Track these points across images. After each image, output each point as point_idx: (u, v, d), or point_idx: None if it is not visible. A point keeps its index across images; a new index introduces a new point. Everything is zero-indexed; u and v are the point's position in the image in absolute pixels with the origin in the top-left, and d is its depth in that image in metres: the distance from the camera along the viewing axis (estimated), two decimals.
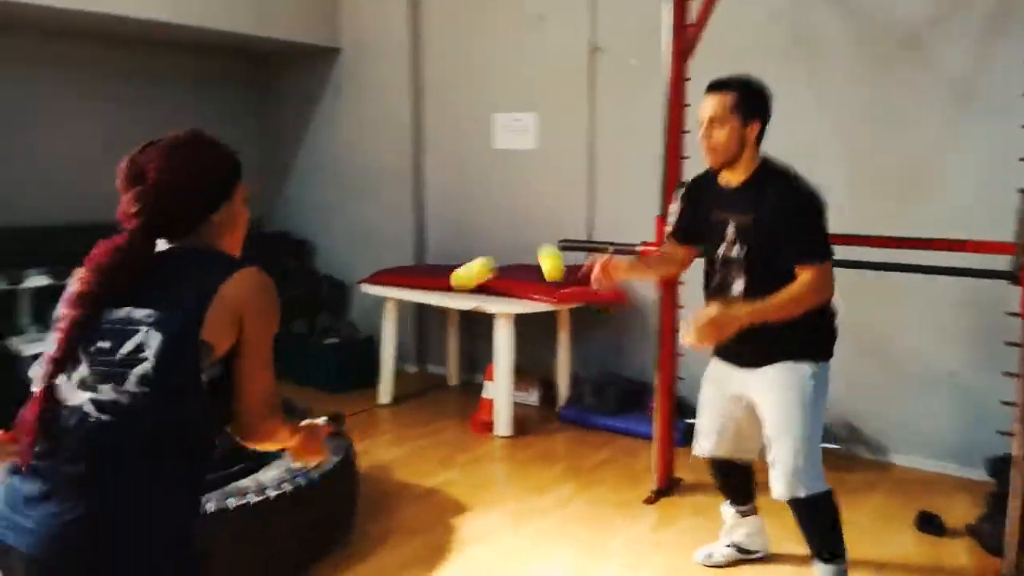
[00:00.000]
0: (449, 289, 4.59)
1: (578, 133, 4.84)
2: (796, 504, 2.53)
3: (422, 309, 5.34)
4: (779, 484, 2.51)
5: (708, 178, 2.65)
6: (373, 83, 5.61)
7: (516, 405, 4.78)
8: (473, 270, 4.48)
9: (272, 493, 2.81)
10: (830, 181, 2.83)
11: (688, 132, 3.46)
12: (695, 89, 3.07)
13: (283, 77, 6.11)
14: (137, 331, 1.44)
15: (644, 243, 3.52)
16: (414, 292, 4.72)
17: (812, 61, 4.08)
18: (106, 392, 1.42)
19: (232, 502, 2.72)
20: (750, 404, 2.64)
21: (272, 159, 6.22)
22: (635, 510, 3.48)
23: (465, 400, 4.96)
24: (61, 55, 5.05)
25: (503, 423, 4.38)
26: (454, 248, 5.37)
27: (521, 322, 4.61)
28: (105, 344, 1.44)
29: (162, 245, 1.56)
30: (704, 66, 3.19)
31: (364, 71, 5.66)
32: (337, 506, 3.13)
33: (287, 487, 2.85)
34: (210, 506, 2.68)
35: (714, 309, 2.35)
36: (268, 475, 2.91)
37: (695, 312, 2.38)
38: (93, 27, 4.82)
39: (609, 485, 3.75)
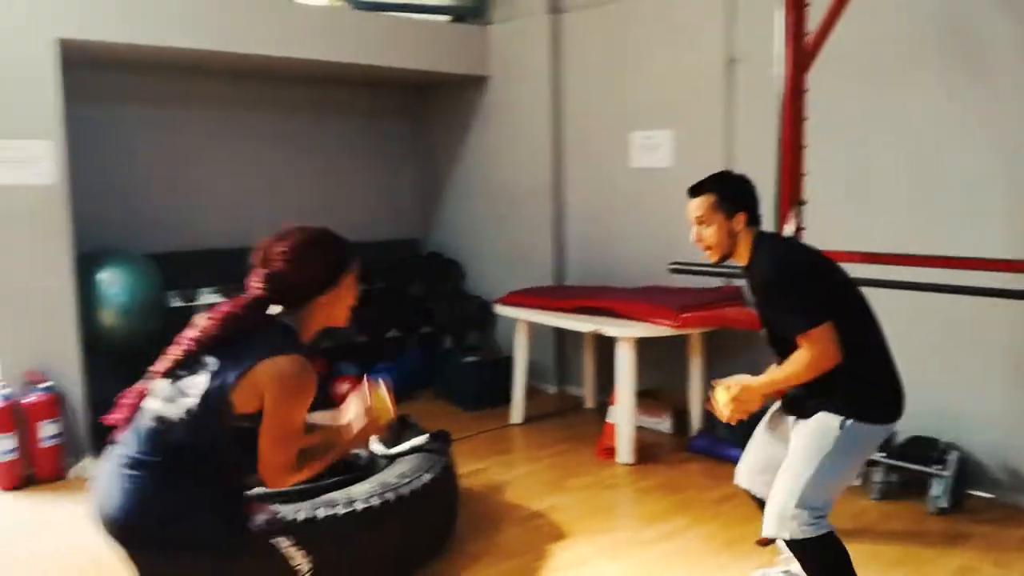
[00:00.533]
0: (576, 311, 4.56)
1: (714, 149, 4.64)
2: (787, 544, 2.49)
3: (561, 330, 5.33)
4: (767, 521, 2.47)
5: None
6: (517, 108, 5.72)
7: (646, 432, 4.67)
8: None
9: (360, 506, 2.91)
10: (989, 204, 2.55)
11: (807, 147, 3.22)
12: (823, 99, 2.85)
13: (437, 106, 6.38)
14: (202, 372, 1.85)
15: None
16: (541, 313, 4.72)
17: (970, 68, 3.66)
18: (167, 409, 1.86)
19: (321, 512, 2.86)
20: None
21: (427, 183, 6.51)
22: (744, 550, 3.25)
23: (598, 424, 4.87)
24: (237, 95, 5.59)
25: (624, 449, 4.26)
26: (593, 268, 5.36)
27: (653, 345, 4.49)
28: (183, 372, 1.88)
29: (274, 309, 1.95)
30: (833, 74, 2.95)
31: (509, 96, 5.78)
32: (429, 522, 3.18)
33: (375, 501, 2.94)
34: (300, 515, 2.84)
35: (736, 387, 2.47)
36: (360, 488, 3.03)
37: (719, 386, 2.51)
38: (266, 69, 5.31)
39: (723, 521, 3.53)
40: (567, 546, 3.33)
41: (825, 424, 2.43)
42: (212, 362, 1.85)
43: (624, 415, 4.26)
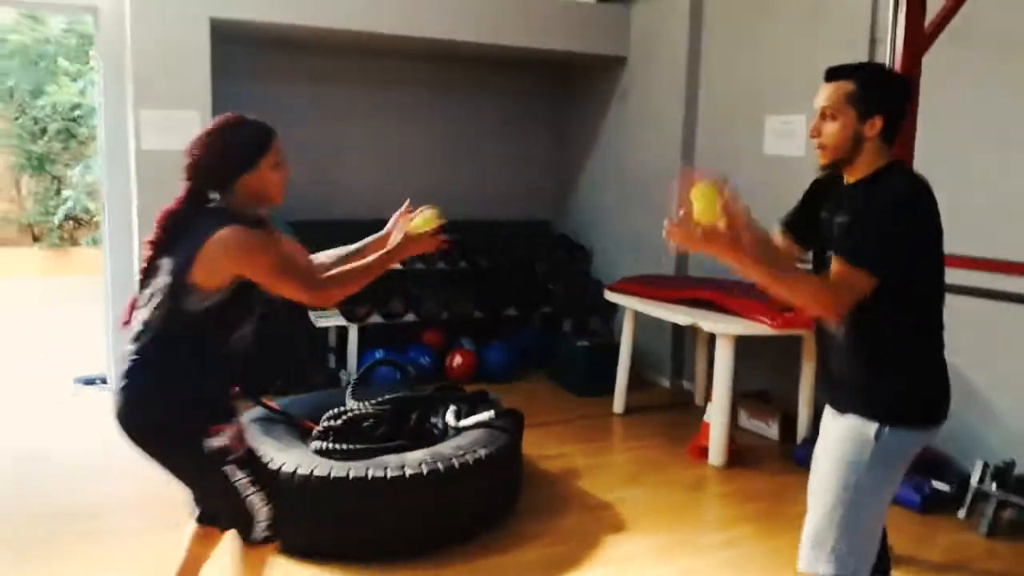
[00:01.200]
0: (681, 302, 4.40)
1: None
2: None
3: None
4: (801, 552, 2.16)
5: (838, 176, 2.17)
6: (651, 89, 5.57)
7: (751, 435, 4.47)
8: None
9: (408, 471, 3.00)
10: None
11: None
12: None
13: (576, 87, 6.33)
14: (159, 272, 2.08)
15: None
16: (646, 302, 4.59)
17: None
18: (144, 311, 2.10)
19: (371, 472, 2.98)
20: None
21: (563, 165, 6.49)
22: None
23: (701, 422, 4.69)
24: (378, 73, 5.86)
25: (716, 451, 4.07)
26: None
27: (765, 345, 4.26)
28: (149, 280, 2.11)
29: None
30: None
31: (646, 77, 5.63)
32: (479, 496, 3.21)
33: (424, 468, 3.02)
34: (352, 472, 2.97)
35: (723, 222, 1.89)
36: (415, 455, 3.11)
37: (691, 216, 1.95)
38: (407, 48, 5.52)
39: (792, 538, 3.26)
40: (620, 540, 3.26)
41: (855, 432, 2.05)
42: (166, 261, 2.06)
43: (718, 415, 4.07)
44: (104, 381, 5.03)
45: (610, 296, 4.89)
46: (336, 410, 3.40)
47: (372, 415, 3.38)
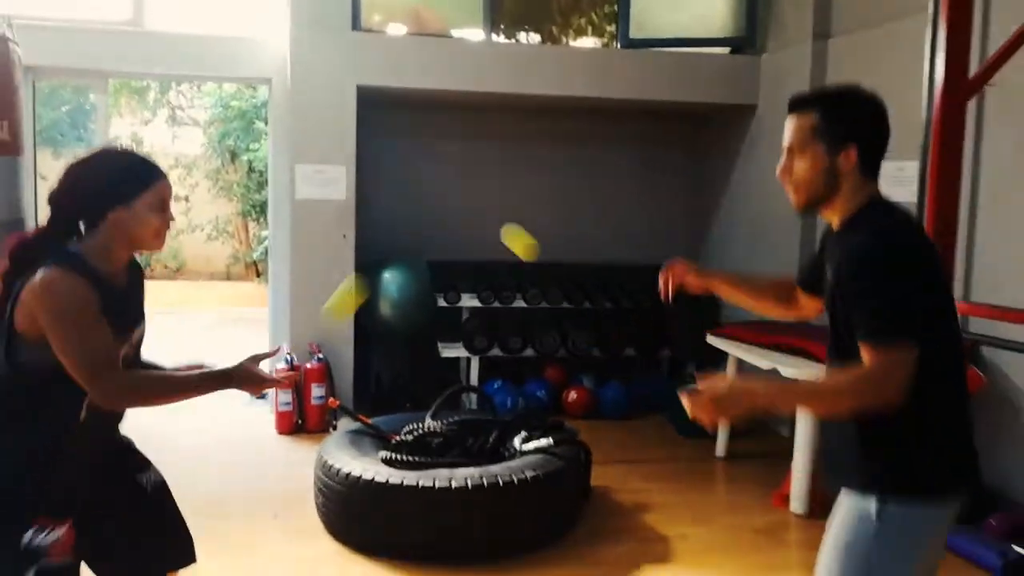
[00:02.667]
0: (775, 348, 4.38)
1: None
2: None
3: None
4: None
5: None
6: (779, 137, 5.54)
7: None
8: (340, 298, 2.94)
9: (454, 484, 3.32)
10: None
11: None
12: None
13: (709, 135, 6.44)
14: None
15: None
16: (741, 346, 4.60)
17: None
18: None
19: (421, 482, 3.33)
20: None
21: (697, 211, 6.58)
22: None
23: None
24: (512, 128, 6.33)
25: (797, 498, 4.00)
26: None
27: None
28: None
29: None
30: None
31: (774, 125, 5.62)
32: (523, 516, 3.45)
33: (468, 483, 3.31)
34: (406, 480, 3.35)
35: (723, 382, 1.80)
36: (465, 471, 3.41)
37: (705, 380, 1.81)
38: (541, 105, 5.97)
39: None
40: (660, 572, 3.35)
41: (855, 510, 1.78)
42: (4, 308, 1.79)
43: (800, 461, 4.00)
44: (264, 397, 5.80)
45: (711, 340, 4.94)
46: (412, 426, 3.81)
47: (440, 433, 3.75)
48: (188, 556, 2.17)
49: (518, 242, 2.60)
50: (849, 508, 1.80)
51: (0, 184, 3.42)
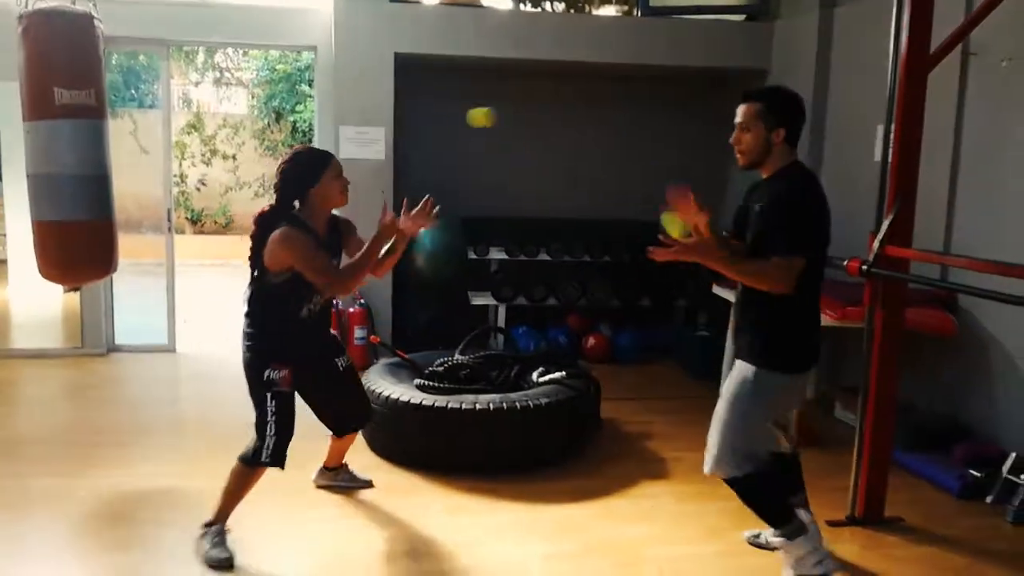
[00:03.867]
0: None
1: (944, 148, 4.46)
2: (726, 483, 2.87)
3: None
4: (706, 461, 2.88)
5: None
6: None
7: (844, 426, 4.76)
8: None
9: (479, 407, 3.84)
10: None
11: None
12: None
13: (727, 96, 6.75)
14: (255, 258, 3.01)
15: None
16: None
17: None
18: (249, 285, 3.06)
19: (451, 404, 3.85)
20: None
21: (716, 168, 6.95)
22: None
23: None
24: (541, 90, 6.73)
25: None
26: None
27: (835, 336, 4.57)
28: (252, 262, 3.02)
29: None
30: None
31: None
32: (534, 436, 3.95)
33: (489, 407, 3.83)
34: (437, 403, 3.88)
35: (711, 238, 2.66)
36: (487, 396, 3.93)
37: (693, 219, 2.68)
38: (566, 68, 6.36)
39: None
40: (654, 484, 3.85)
41: (741, 373, 2.76)
42: (258, 250, 2.95)
43: None
44: None
45: (717, 290, 5.37)
46: (443, 359, 4.34)
47: (468, 366, 4.28)
48: (364, 420, 3.50)
49: (479, 117, 3.46)
50: (738, 371, 2.78)
51: (90, 144, 3.94)
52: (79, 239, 3.91)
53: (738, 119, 2.78)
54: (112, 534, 3.25)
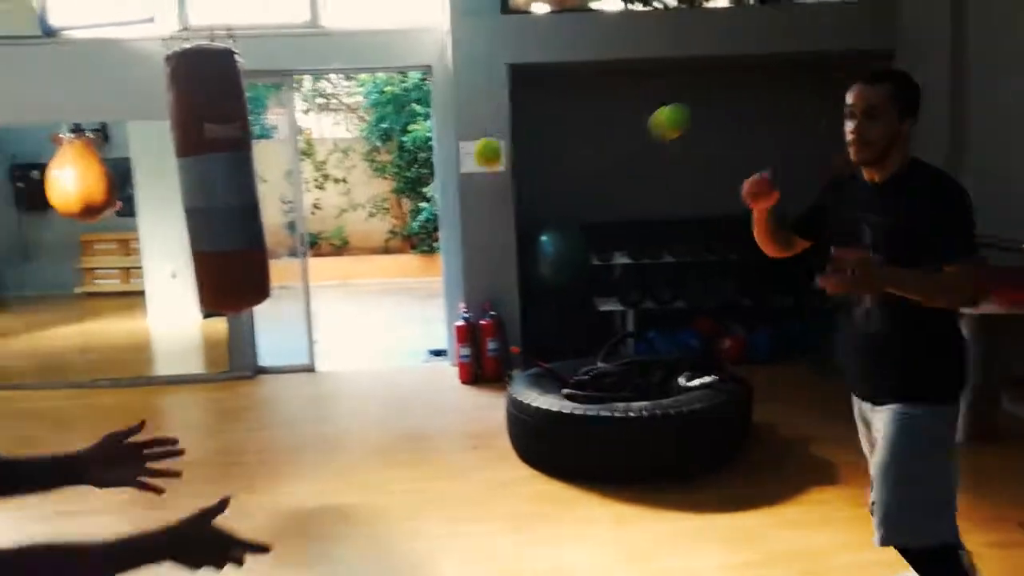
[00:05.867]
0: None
1: None
2: (903, 555, 2.33)
3: None
4: (876, 529, 2.30)
5: (854, 177, 2.44)
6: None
7: (1012, 418, 4.49)
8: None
9: (630, 415, 3.79)
10: None
11: None
12: None
13: (845, 87, 6.48)
14: None
15: None
16: None
17: None
18: None
19: (603, 412, 3.82)
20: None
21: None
22: None
23: None
24: (656, 88, 6.60)
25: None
26: None
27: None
28: None
29: None
30: None
31: (913, 71, 5.69)
32: (687, 443, 3.86)
33: (643, 414, 3.77)
34: (587, 412, 3.84)
35: (876, 257, 2.18)
36: (638, 404, 3.87)
37: (841, 251, 2.27)
38: (681, 65, 6.25)
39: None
40: (823, 492, 3.70)
41: (904, 422, 2.20)
42: None
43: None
44: (444, 353, 6.44)
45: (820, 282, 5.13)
46: (587, 368, 4.30)
47: (613, 373, 4.23)
48: None
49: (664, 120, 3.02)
50: (896, 422, 2.21)
51: (237, 174, 4.11)
52: (237, 267, 4.06)
53: (869, 102, 2.24)
54: (289, 550, 3.34)
